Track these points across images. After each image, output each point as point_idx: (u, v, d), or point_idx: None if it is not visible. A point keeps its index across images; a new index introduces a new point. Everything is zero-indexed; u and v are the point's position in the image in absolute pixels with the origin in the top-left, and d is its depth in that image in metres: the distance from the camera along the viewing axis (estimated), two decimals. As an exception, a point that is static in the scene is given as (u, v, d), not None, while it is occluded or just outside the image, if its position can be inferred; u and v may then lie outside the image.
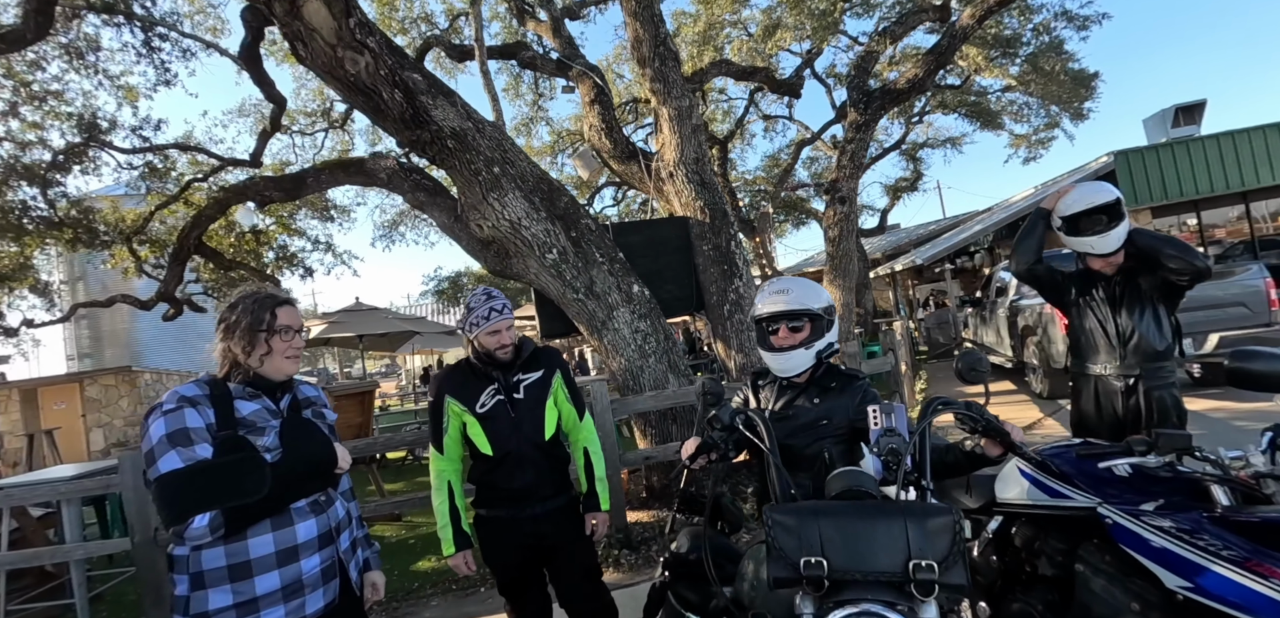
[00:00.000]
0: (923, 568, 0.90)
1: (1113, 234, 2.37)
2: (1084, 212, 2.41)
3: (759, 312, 1.95)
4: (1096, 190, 2.43)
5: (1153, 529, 1.52)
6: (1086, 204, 2.41)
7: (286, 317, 1.58)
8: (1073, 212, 2.45)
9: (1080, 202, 2.43)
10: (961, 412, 1.26)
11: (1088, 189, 2.47)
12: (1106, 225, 2.37)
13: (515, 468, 2.12)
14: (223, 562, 1.40)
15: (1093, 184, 2.50)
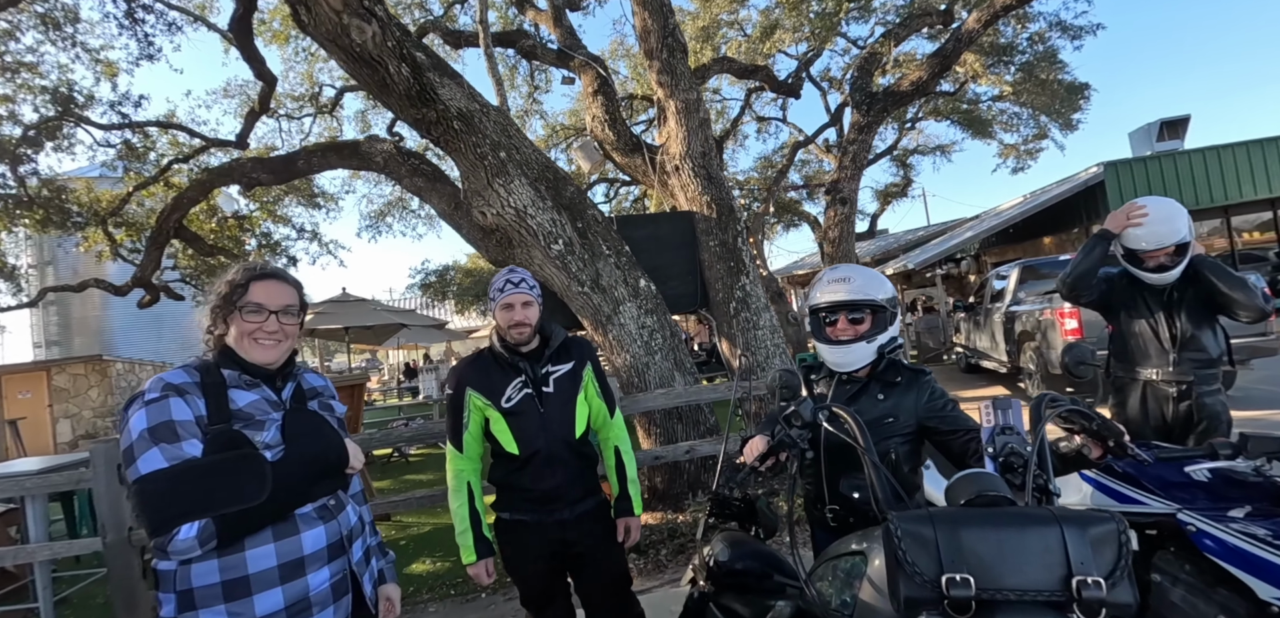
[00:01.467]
0: (1089, 585, 0.78)
1: (1176, 270, 2.30)
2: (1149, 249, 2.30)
3: (817, 301, 1.82)
4: (1171, 229, 2.29)
5: (1243, 536, 1.43)
6: (1158, 244, 2.29)
7: (260, 293, 1.33)
8: (1142, 247, 2.33)
9: (1154, 240, 2.29)
10: (1073, 410, 1.15)
11: (1161, 224, 2.30)
12: (1172, 260, 2.29)
13: (543, 468, 1.93)
14: (216, 578, 1.19)
15: (1165, 213, 2.32)
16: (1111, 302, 2.52)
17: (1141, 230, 2.32)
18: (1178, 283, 2.36)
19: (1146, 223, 2.31)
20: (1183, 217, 2.30)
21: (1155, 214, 2.31)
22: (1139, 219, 2.31)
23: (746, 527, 2.12)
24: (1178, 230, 2.27)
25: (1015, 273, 8.56)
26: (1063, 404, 1.14)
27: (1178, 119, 14.63)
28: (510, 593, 3.78)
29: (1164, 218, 2.29)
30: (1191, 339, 2.31)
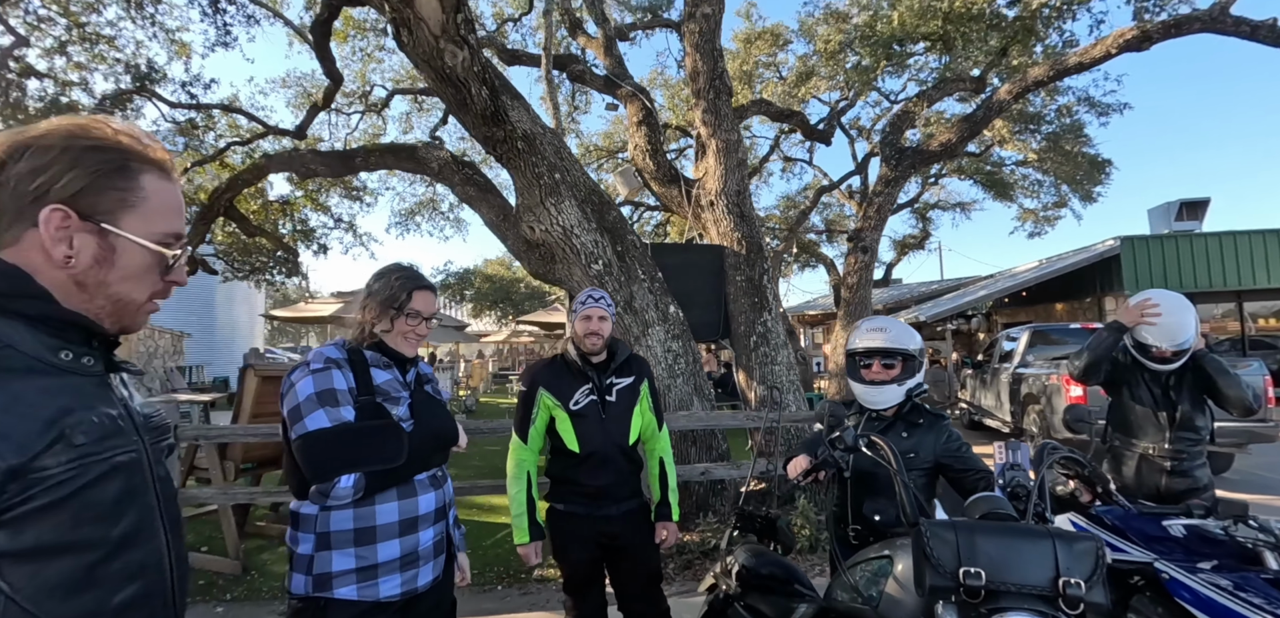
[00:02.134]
0: (1072, 585, 1.06)
1: (1178, 362, 2.53)
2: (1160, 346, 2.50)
3: (856, 345, 2.12)
4: (1181, 328, 2.47)
5: (1209, 586, 1.69)
6: (1169, 343, 2.48)
7: (421, 302, 1.61)
8: (1151, 343, 2.53)
9: (1164, 338, 2.49)
10: (1069, 457, 1.43)
11: (1172, 324, 2.48)
12: (1176, 355, 2.51)
13: (598, 467, 2.19)
14: (350, 525, 1.42)
15: (1176, 315, 2.49)
16: (1115, 378, 2.76)
17: (1153, 328, 2.51)
18: (1176, 370, 2.60)
19: (1159, 322, 2.49)
20: (1192, 318, 2.50)
21: (1167, 314, 2.49)
22: (1153, 318, 2.49)
23: (765, 542, 2.39)
24: (1187, 331, 2.47)
25: (1025, 336, 8.77)
26: (1061, 452, 1.41)
27: (1198, 201, 14.87)
28: (548, 585, 4.03)
29: (1175, 318, 2.48)
30: (1186, 419, 2.54)
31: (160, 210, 0.82)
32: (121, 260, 0.79)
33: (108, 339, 0.82)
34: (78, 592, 0.71)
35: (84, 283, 0.77)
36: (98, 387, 0.79)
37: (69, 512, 0.70)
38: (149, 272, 0.82)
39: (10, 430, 0.66)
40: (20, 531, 0.66)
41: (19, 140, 0.74)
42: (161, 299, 0.86)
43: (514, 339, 27.36)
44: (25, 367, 0.71)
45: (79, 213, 0.75)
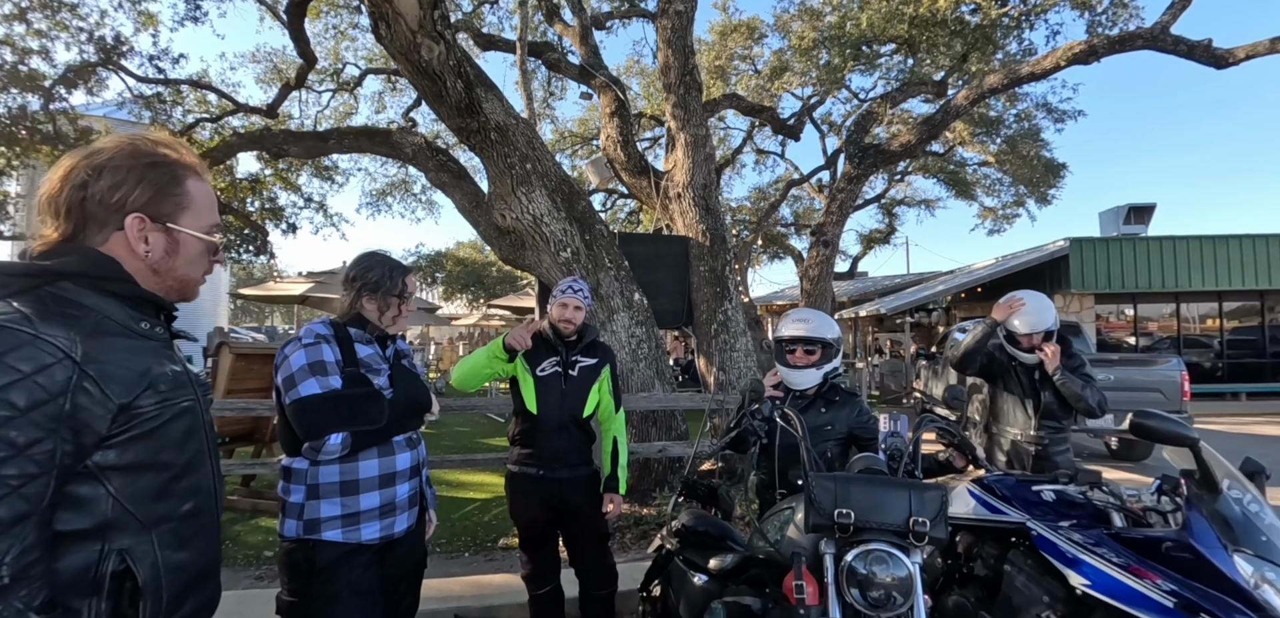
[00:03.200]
0: (919, 523, 1.34)
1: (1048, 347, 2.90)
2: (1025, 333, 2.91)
3: (782, 334, 2.41)
4: (1042, 320, 2.90)
5: (1067, 540, 2.02)
6: (1032, 330, 2.91)
7: (411, 285, 1.87)
8: (1019, 331, 2.94)
9: (1028, 326, 2.91)
10: (944, 427, 1.72)
11: (1035, 312, 2.92)
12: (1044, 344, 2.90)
13: (553, 433, 2.45)
14: (336, 478, 1.65)
15: (1038, 307, 2.93)
16: (991, 372, 3.13)
17: (1020, 319, 2.92)
18: (1042, 365, 2.96)
19: (1023, 313, 2.92)
20: (1051, 311, 2.90)
21: (1031, 307, 2.92)
22: (1019, 308, 2.93)
23: (707, 507, 2.68)
24: (1046, 321, 2.88)
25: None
26: (933, 422, 1.70)
27: (1145, 206, 15.70)
28: (512, 552, 4.26)
29: (1037, 310, 2.91)
30: (1048, 409, 2.92)
31: (205, 208, 1.07)
32: (184, 251, 1.03)
33: (170, 313, 1.07)
34: (158, 500, 0.96)
35: (158, 269, 1.01)
36: (165, 349, 1.03)
37: (155, 441, 0.94)
38: (202, 256, 1.07)
39: (120, 377, 0.90)
40: (123, 451, 0.91)
41: (95, 163, 0.97)
42: (208, 274, 1.12)
43: (485, 323, 27.32)
44: (118, 332, 0.94)
45: (150, 217, 0.99)
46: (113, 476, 0.90)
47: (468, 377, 2.48)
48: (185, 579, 0.99)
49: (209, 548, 1.07)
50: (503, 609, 3.14)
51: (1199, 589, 1.76)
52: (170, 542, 0.96)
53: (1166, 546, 1.83)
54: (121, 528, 0.91)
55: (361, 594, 1.66)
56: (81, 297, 0.92)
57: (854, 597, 1.32)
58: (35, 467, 0.81)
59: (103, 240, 0.97)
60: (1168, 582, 1.80)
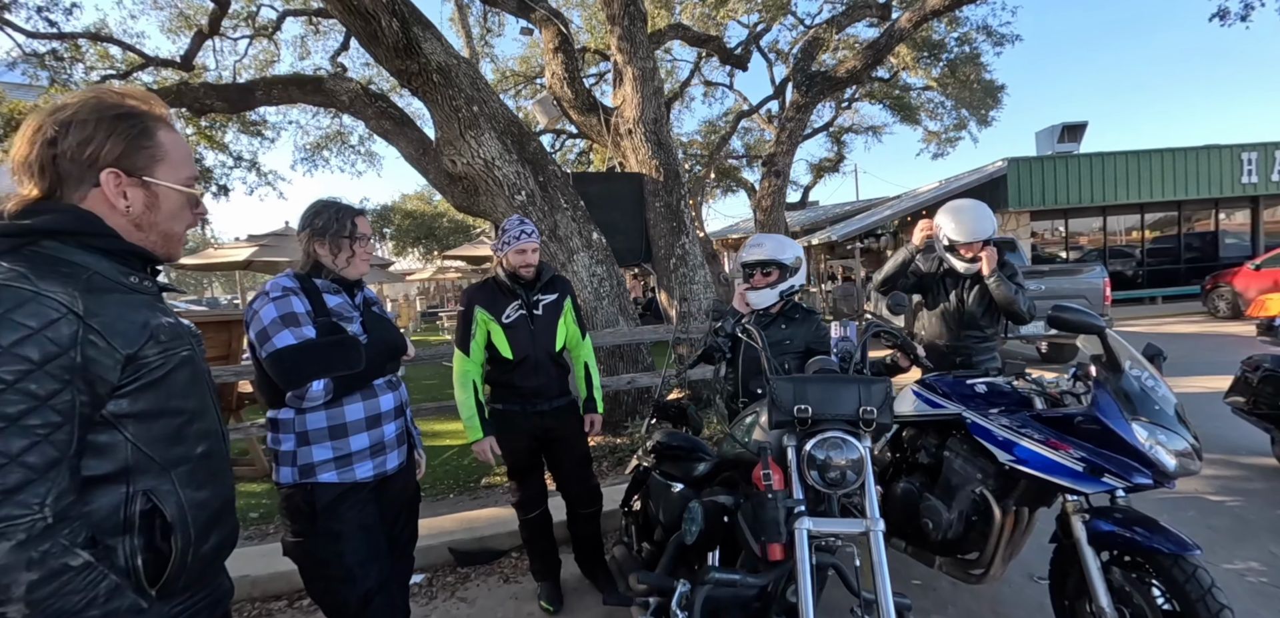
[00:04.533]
0: (867, 411, 1.49)
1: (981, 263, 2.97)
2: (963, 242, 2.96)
3: (743, 259, 2.52)
4: (980, 229, 2.93)
5: (996, 424, 2.25)
6: (970, 238, 2.94)
7: (362, 226, 1.86)
8: (959, 240, 2.97)
9: (967, 234, 2.94)
10: (888, 331, 1.87)
11: (974, 220, 2.93)
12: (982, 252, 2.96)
13: (531, 371, 2.53)
14: (324, 423, 1.69)
15: (977, 215, 2.92)
16: (922, 286, 3.28)
17: (958, 229, 2.98)
18: (971, 277, 3.08)
19: (962, 222, 2.98)
20: (990, 220, 2.99)
21: (970, 215, 2.99)
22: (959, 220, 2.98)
23: (678, 426, 2.84)
24: (985, 230, 2.96)
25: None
26: (878, 326, 1.86)
27: (1077, 124, 16.43)
28: (495, 489, 4.37)
29: (975, 219, 2.97)
30: (971, 319, 3.08)
31: (180, 160, 1.06)
32: (165, 205, 1.04)
33: (155, 268, 1.08)
34: (174, 444, 1.02)
35: (140, 225, 1.03)
36: (157, 302, 1.04)
37: (163, 389, 0.99)
38: (184, 209, 1.08)
39: (123, 330, 0.94)
40: (135, 400, 0.96)
41: (61, 119, 0.95)
42: (192, 228, 1.13)
43: (440, 276, 26.71)
44: (111, 287, 0.96)
45: (125, 172, 0.99)
46: (128, 423, 0.95)
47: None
48: (208, 515, 1.06)
49: (224, 487, 1.13)
50: (493, 538, 3.27)
51: (1104, 454, 2.01)
52: (190, 482, 1.02)
53: (1078, 420, 2.07)
54: (143, 471, 0.96)
55: (365, 528, 1.74)
56: (69, 254, 0.94)
57: (814, 479, 1.47)
58: (58, 416, 0.85)
59: (80, 197, 0.97)
60: (1079, 450, 2.04)
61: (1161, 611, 1.92)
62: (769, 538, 1.48)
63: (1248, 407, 3.78)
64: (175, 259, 1.11)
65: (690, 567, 1.97)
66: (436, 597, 2.89)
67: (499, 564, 3.15)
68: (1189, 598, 1.82)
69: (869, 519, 1.47)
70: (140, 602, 0.91)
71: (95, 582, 0.85)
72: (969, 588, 2.72)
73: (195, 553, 1.03)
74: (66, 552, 0.83)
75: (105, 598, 0.86)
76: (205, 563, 1.08)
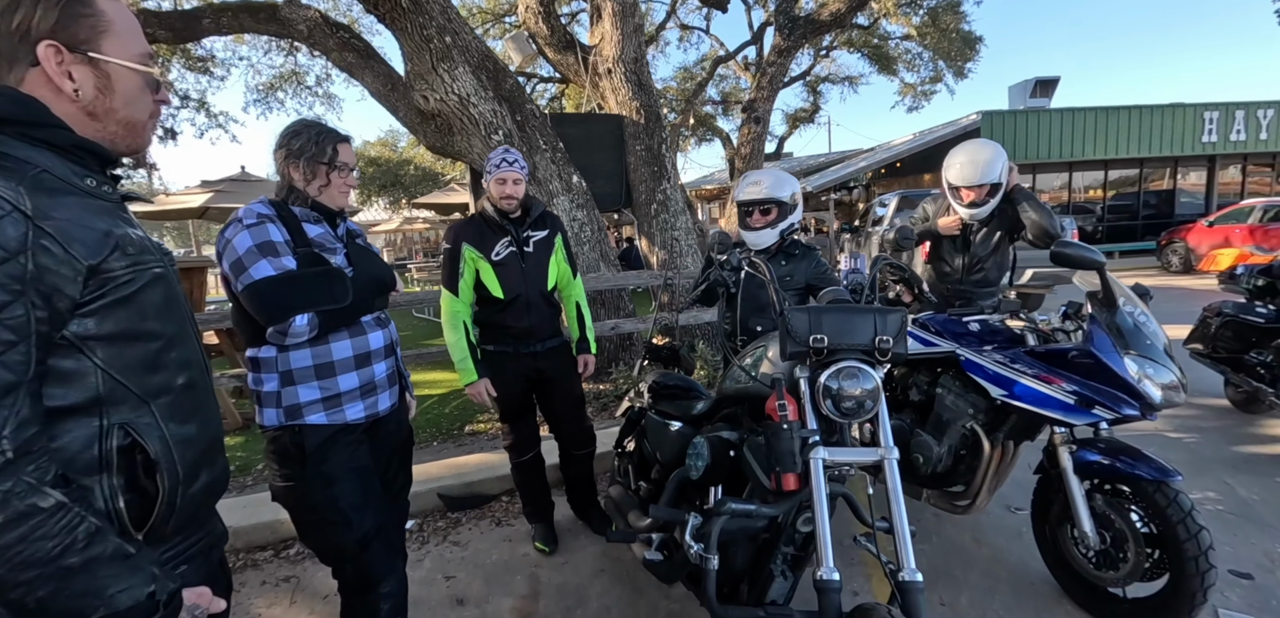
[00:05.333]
0: (883, 341, 1.46)
1: (987, 207, 2.81)
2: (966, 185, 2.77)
3: (740, 197, 2.45)
4: (987, 172, 2.71)
5: (989, 361, 2.28)
6: (975, 182, 2.75)
7: (345, 154, 1.69)
8: (954, 182, 2.82)
9: (966, 176, 2.76)
10: (894, 266, 1.85)
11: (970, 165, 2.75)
12: (985, 198, 2.80)
13: (522, 311, 2.43)
14: (310, 362, 1.57)
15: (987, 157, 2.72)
16: (928, 234, 3.14)
17: (961, 169, 2.80)
18: (980, 223, 2.94)
19: (966, 164, 2.79)
20: (1000, 164, 2.77)
21: (980, 156, 2.78)
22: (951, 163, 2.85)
23: (670, 368, 2.81)
24: (992, 175, 2.74)
25: (894, 201, 9.80)
26: (888, 260, 1.83)
27: (1050, 79, 16.62)
28: (480, 436, 4.32)
29: (983, 162, 2.76)
30: (977, 266, 3.00)
31: (128, 32, 0.91)
32: (119, 87, 0.90)
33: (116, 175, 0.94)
34: (151, 372, 0.91)
35: (94, 112, 0.89)
36: (120, 211, 0.91)
37: (135, 308, 0.88)
38: (143, 93, 0.94)
39: (82, 237, 0.81)
40: (103, 320, 0.84)
41: None
42: (156, 119, 0.98)
43: (407, 227, 25.93)
44: (64, 189, 0.83)
45: (66, 46, 0.84)
46: (96, 347, 0.84)
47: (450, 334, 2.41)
48: (195, 452, 0.97)
49: (211, 422, 1.03)
50: (482, 483, 3.22)
51: (1094, 387, 2.05)
52: (173, 415, 0.93)
53: (1072, 355, 2.11)
54: (117, 402, 0.86)
55: (358, 471, 1.65)
56: (10, 147, 0.80)
57: (828, 409, 1.45)
58: (10, 333, 0.74)
59: (17, 80, 0.84)
60: (1071, 384, 2.08)
61: (1140, 533, 2.01)
62: (784, 468, 1.46)
63: (1206, 351, 3.95)
64: (142, 151, 0.97)
65: (691, 503, 1.96)
66: (428, 542, 2.84)
67: (489, 509, 3.12)
68: (1170, 520, 1.90)
69: (883, 447, 1.46)
70: (126, 547, 0.81)
71: (71, 525, 0.75)
72: (952, 519, 2.82)
73: (184, 493, 0.94)
74: (33, 491, 0.73)
75: (85, 542, 0.76)
76: (196, 504, 0.98)
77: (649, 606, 2.29)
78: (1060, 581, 2.28)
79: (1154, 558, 2.00)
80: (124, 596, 0.79)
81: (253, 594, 2.48)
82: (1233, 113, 15.35)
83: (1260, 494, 2.96)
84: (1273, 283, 3.74)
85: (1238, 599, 2.20)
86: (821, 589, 1.32)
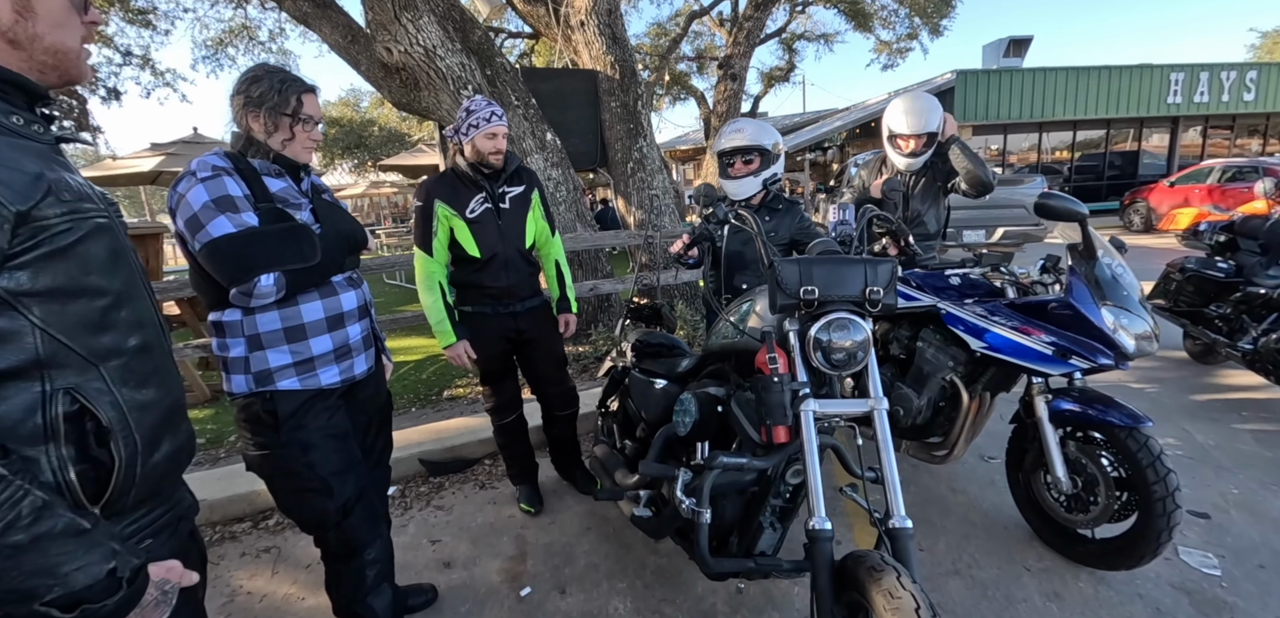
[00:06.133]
0: (874, 292, 1.45)
1: (923, 157, 2.84)
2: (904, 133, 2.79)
3: (721, 147, 2.39)
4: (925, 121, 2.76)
5: (970, 314, 2.30)
6: (913, 131, 2.78)
7: (310, 106, 1.56)
8: (894, 129, 2.83)
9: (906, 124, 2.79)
10: (881, 217, 1.83)
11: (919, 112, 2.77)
12: (923, 148, 2.82)
13: (501, 270, 2.34)
14: (278, 325, 1.48)
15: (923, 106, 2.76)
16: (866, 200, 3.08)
17: (900, 117, 2.81)
18: (916, 175, 2.97)
19: (905, 112, 2.80)
20: (937, 113, 2.83)
21: (917, 105, 2.82)
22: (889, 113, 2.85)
23: (652, 328, 2.77)
24: (930, 123, 2.79)
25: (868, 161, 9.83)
26: (875, 212, 1.80)
27: (1023, 39, 16.74)
28: (459, 400, 4.25)
29: (921, 110, 2.80)
30: (918, 220, 2.99)
31: None
32: (40, 7, 0.81)
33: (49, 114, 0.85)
34: (99, 332, 0.84)
35: (16, 39, 0.79)
36: (54, 153, 0.82)
37: (76, 261, 0.81)
38: (69, 14, 0.84)
39: (9, 179, 0.73)
40: (38, 273, 0.77)
41: None
42: (90, 43, 0.89)
43: (375, 191, 25.11)
44: None
45: None
46: (32, 303, 0.77)
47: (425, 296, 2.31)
48: (155, 418, 0.90)
49: (171, 388, 0.96)
50: (464, 447, 3.18)
51: (1072, 337, 2.09)
52: (126, 379, 0.86)
53: (1052, 306, 2.14)
54: (61, 365, 0.79)
55: (336, 437, 1.58)
56: None
57: (819, 361, 1.43)
58: None
59: None
60: (1049, 335, 2.12)
61: (1110, 477, 2.08)
62: (775, 421, 1.45)
63: (1167, 306, 4.09)
64: (79, 81, 0.88)
65: (678, 459, 1.95)
66: (412, 507, 2.80)
67: (472, 472, 3.08)
68: (1140, 464, 1.96)
69: (873, 398, 1.46)
70: (80, 521, 0.75)
71: (13, 499, 0.69)
72: (930, 469, 2.88)
73: (145, 463, 0.87)
74: None
75: (31, 518, 0.70)
76: (159, 475, 0.92)
77: (636, 561, 2.30)
78: (1032, 524, 2.36)
79: (1122, 500, 2.07)
80: (80, 574, 0.73)
81: (233, 567, 2.41)
82: (1197, 74, 15.73)
83: (1216, 440, 3.11)
84: (1233, 239, 3.86)
85: (1196, 537, 2.31)
86: (814, 538, 1.32)
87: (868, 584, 1.16)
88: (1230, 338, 3.56)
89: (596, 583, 2.19)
